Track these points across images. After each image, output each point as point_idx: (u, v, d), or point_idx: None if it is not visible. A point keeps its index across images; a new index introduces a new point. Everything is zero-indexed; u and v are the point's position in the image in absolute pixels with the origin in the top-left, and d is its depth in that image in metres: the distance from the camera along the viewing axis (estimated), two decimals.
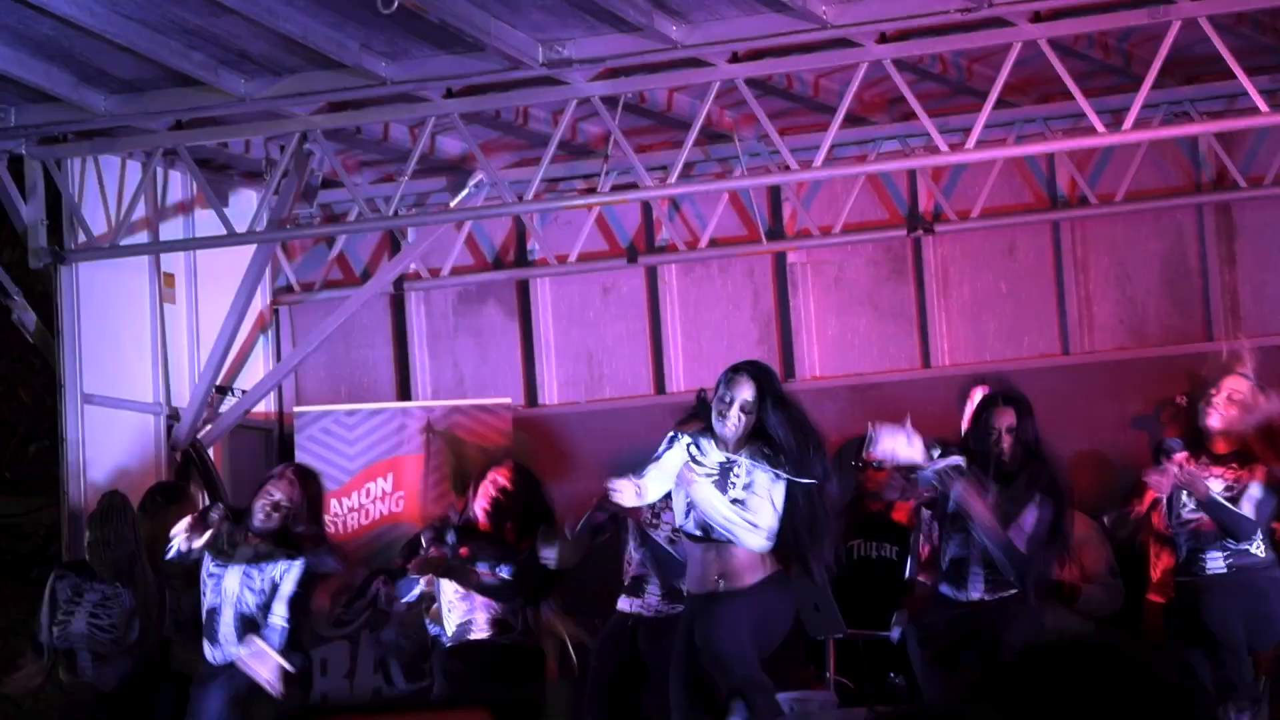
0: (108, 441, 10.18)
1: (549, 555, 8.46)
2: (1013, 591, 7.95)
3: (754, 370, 7.40)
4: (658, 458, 7.35)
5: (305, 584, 8.71)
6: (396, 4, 8.25)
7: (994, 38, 9.12)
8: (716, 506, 7.23)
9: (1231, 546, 8.17)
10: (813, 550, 7.33)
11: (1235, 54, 8.91)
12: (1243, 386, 8.35)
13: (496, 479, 9.03)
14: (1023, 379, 10.11)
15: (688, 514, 7.33)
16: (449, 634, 8.91)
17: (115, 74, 9.45)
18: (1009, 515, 7.91)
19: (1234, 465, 8.26)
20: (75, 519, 9.99)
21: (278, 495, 8.72)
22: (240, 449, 10.85)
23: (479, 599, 8.87)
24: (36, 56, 9.26)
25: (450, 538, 8.93)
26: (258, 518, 8.71)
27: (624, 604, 8.53)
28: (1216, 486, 8.19)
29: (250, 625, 8.60)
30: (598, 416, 10.63)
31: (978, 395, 8.81)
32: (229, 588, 8.63)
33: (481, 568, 8.86)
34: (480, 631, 8.87)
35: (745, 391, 7.29)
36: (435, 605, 8.98)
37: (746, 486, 7.25)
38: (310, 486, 8.90)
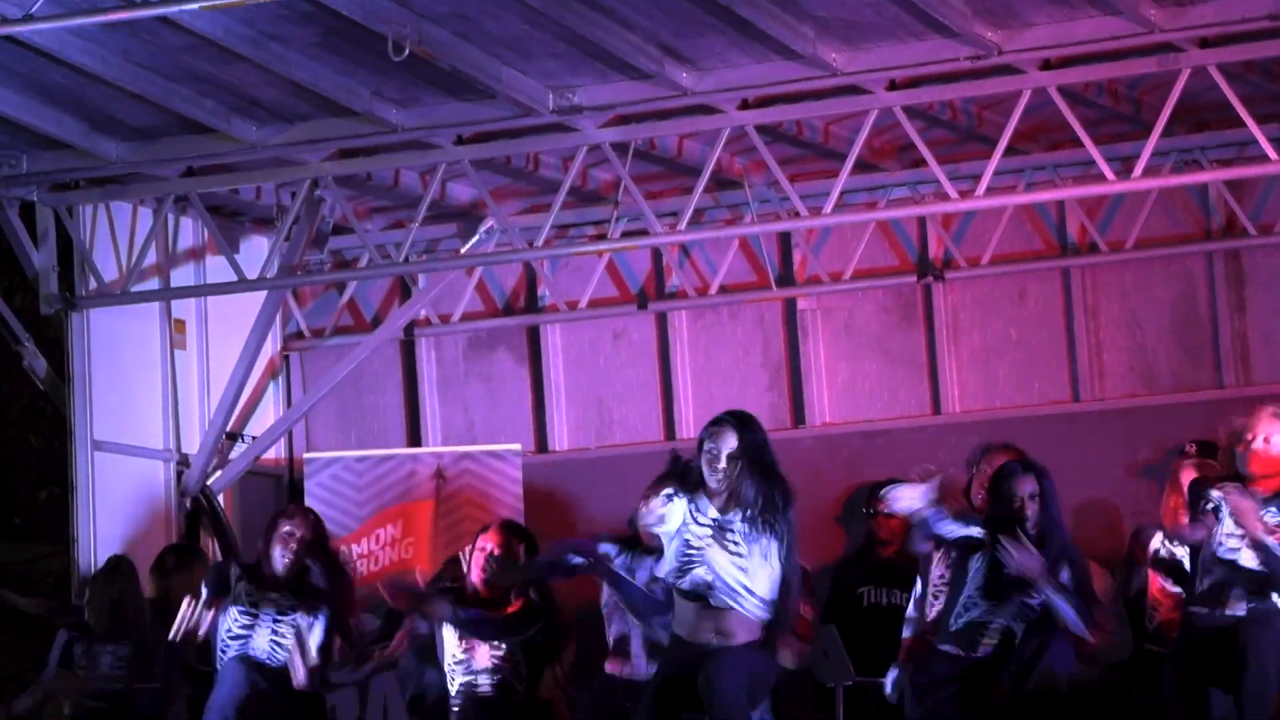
0: (118, 488, 10.19)
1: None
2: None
3: (734, 419, 7.40)
4: (659, 521, 7.29)
5: (329, 634, 8.66)
6: (408, 51, 8.28)
7: (1004, 85, 9.13)
8: (730, 571, 7.23)
9: (1254, 591, 8.07)
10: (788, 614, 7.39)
11: (1245, 102, 8.93)
12: (1277, 428, 8.25)
13: (485, 545, 8.89)
14: (1033, 426, 10.12)
15: (683, 573, 7.29)
16: (453, 692, 8.85)
17: (127, 121, 9.48)
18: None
19: (1275, 509, 8.15)
20: (84, 565, 9.99)
21: (291, 528, 8.66)
22: (250, 495, 10.85)
23: (480, 657, 8.79)
24: (48, 104, 9.29)
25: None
26: (278, 560, 8.62)
27: (611, 667, 8.53)
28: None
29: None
30: (608, 462, 10.62)
31: (995, 461, 8.74)
32: (259, 645, 8.57)
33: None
34: (485, 690, 8.80)
35: (729, 440, 7.30)
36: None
37: (744, 551, 7.25)
38: (315, 518, 8.88)
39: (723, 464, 7.25)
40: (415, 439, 11.18)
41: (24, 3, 7.92)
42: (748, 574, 7.22)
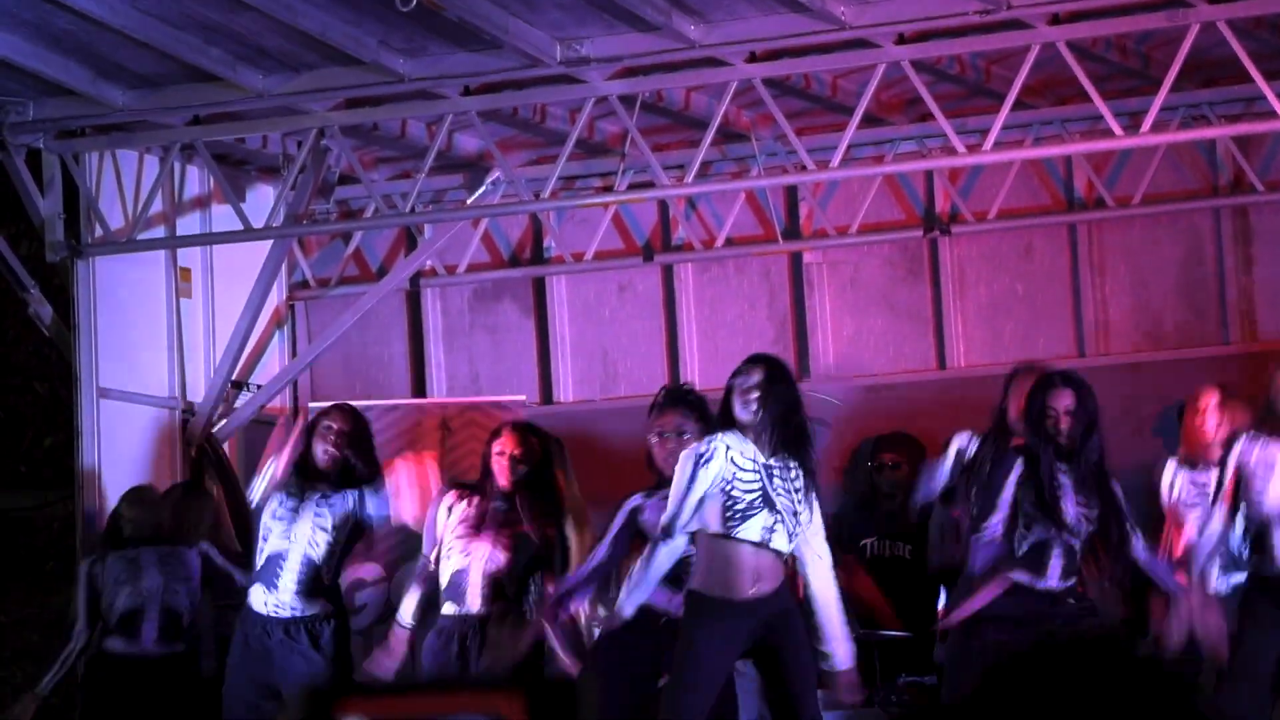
0: (123, 436, 10.20)
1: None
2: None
3: (765, 358, 7.33)
4: (691, 482, 7.01)
5: (378, 511, 8.48)
6: (415, 2, 8.25)
7: (1012, 39, 9.11)
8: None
9: None
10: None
11: (1254, 57, 8.90)
12: None
13: (503, 449, 8.49)
14: None
15: (741, 519, 7.08)
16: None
17: (133, 69, 9.46)
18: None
19: None
20: (90, 513, 10.00)
21: (336, 425, 8.50)
22: (255, 444, 10.84)
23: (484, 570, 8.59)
24: (55, 51, 9.27)
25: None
26: (320, 454, 8.43)
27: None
28: None
29: (315, 575, 8.30)
30: (613, 414, 10.63)
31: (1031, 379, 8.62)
32: (300, 532, 8.34)
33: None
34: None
35: (756, 374, 7.19)
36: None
37: (795, 492, 7.14)
38: (355, 414, 8.69)
39: (752, 395, 7.09)
40: (420, 389, 11.19)
41: None
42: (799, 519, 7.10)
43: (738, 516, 7.01)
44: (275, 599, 8.30)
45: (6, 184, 10.21)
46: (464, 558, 8.38)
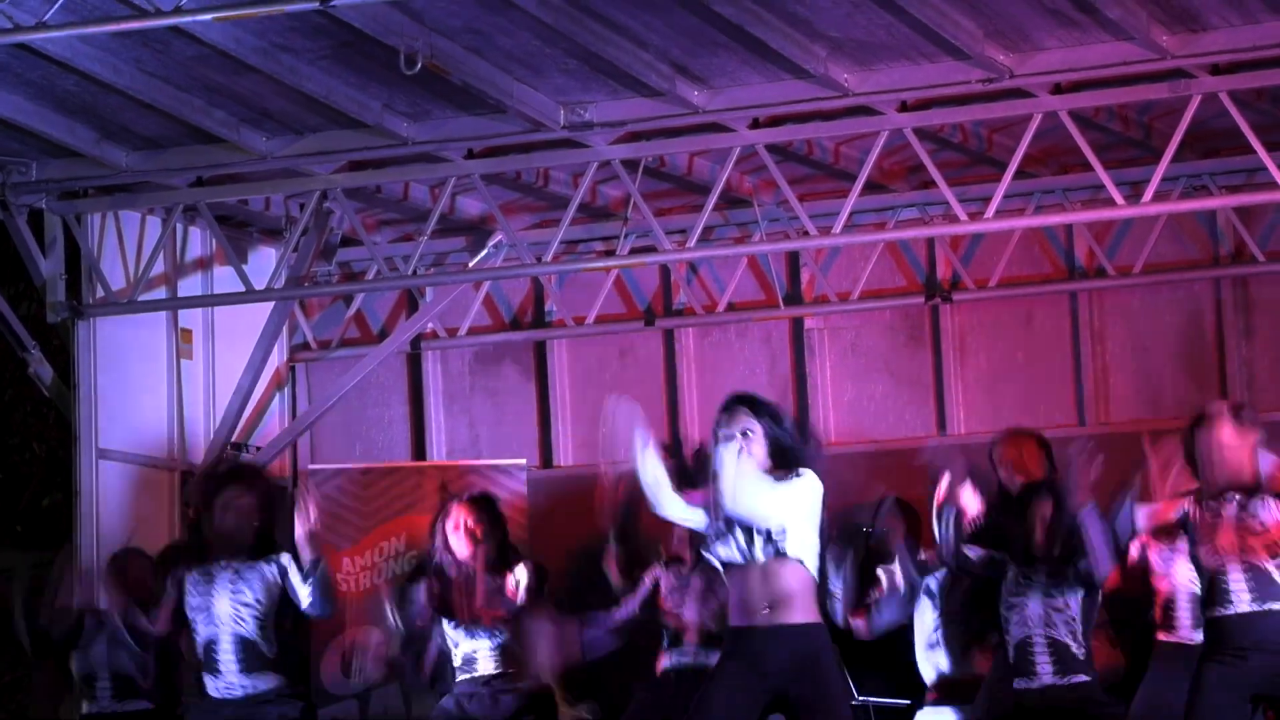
0: (121, 496, 10.18)
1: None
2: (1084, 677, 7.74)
3: (743, 396, 7.20)
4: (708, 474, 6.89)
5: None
6: (420, 65, 8.28)
7: (1014, 108, 9.14)
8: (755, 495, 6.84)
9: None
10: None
11: (1255, 129, 8.93)
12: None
13: (460, 521, 8.45)
14: None
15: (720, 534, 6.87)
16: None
17: (137, 130, 9.49)
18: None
19: None
20: (86, 573, 9.97)
21: (244, 494, 8.04)
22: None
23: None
24: (59, 111, 9.30)
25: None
26: (229, 524, 7.99)
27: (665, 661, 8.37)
28: None
29: (251, 648, 7.99)
30: None
31: (1019, 444, 8.59)
32: (221, 612, 8.02)
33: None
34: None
35: (743, 417, 7.07)
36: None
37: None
38: (261, 481, 8.23)
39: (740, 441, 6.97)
40: (420, 452, 11.17)
41: (37, 10, 7.93)
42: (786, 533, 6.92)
43: (719, 532, 6.86)
44: (223, 682, 8.02)
45: (8, 244, 10.23)
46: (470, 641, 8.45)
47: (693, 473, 7.33)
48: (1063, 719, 7.56)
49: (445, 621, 8.42)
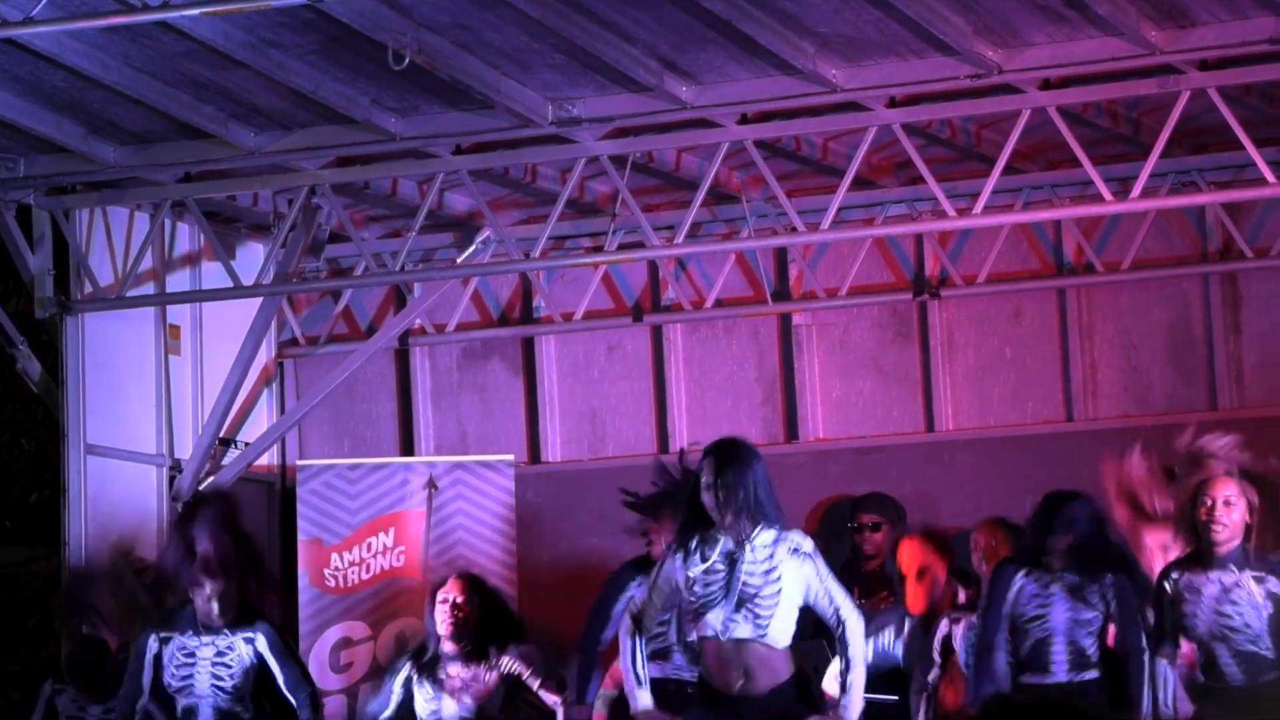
0: (109, 492, 10.17)
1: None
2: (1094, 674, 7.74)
3: (714, 447, 7.14)
4: (655, 579, 6.89)
5: (285, 642, 7.85)
6: (408, 61, 8.28)
7: (1003, 104, 9.14)
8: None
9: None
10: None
11: (1244, 125, 8.94)
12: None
13: (447, 597, 8.39)
14: (1026, 445, 10.13)
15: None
16: None
17: (125, 126, 9.47)
18: None
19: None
20: (75, 569, 9.97)
21: (213, 557, 7.69)
22: (242, 502, 10.81)
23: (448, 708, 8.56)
24: (47, 107, 9.28)
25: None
26: (198, 594, 7.70)
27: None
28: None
29: (227, 718, 7.74)
30: (601, 474, 10.61)
31: (993, 532, 8.59)
32: (201, 683, 7.69)
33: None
34: None
35: (708, 468, 7.01)
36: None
37: (764, 575, 6.99)
38: (233, 528, 7.87)
39: (709, 491, 6.95)
40: (408, 448, 11.17)
41: (25, 5, 7.91)
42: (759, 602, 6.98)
43: (695, 613, 6.84)
44: None
45: None
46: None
47: (679, 486, 7.34)
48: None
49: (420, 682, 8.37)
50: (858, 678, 6.86)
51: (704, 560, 6.83)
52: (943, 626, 8.21)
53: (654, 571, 6.98)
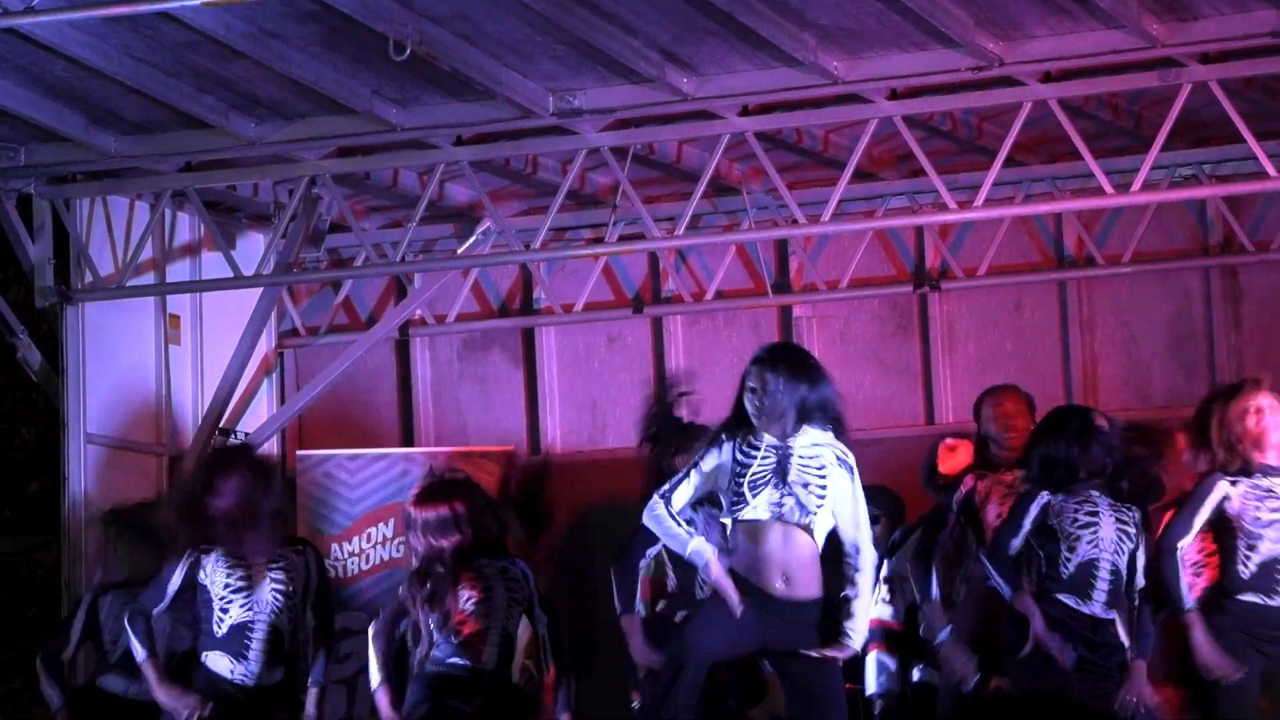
0: (109, 482, 10.17)
1: None
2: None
3: (763, 354, 7.14)
4: (699, 460, 6.89)
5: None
6: (409, 51, 8.27)
7: (1004, 97, 9.14)
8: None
9: None
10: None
11: (1245, 118, 8.93)
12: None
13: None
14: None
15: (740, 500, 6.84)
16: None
17: (126, 116, 9.47)
18: None
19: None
20: (75, 559, 9.97)
21: (238, 483, 7.94)
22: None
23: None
24: (48, 97, 9.28)
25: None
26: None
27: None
28: None
29: (279, 640, 7.95)
30: (601, 465, 10.62)
31: (1000, 402, 8.54)
32: (264, 599, 7.94)
33: None
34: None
35: (752, 378, 6.93)
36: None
37: (814, 468, 6.92)
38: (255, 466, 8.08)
39: (753, 391, 6.86)
40: (408, 438, 11.17)
41: None
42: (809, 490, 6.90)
43: (740, 495, 6.83)
44: (243, 669, 7.94)
45: None
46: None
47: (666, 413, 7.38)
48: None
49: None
50: (864, 607, 6.89)
51: (752, 448, 6.85)
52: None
53: (693, 460, 6.93)
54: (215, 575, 7.95)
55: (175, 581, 8.00)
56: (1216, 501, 7.80)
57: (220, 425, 10.63)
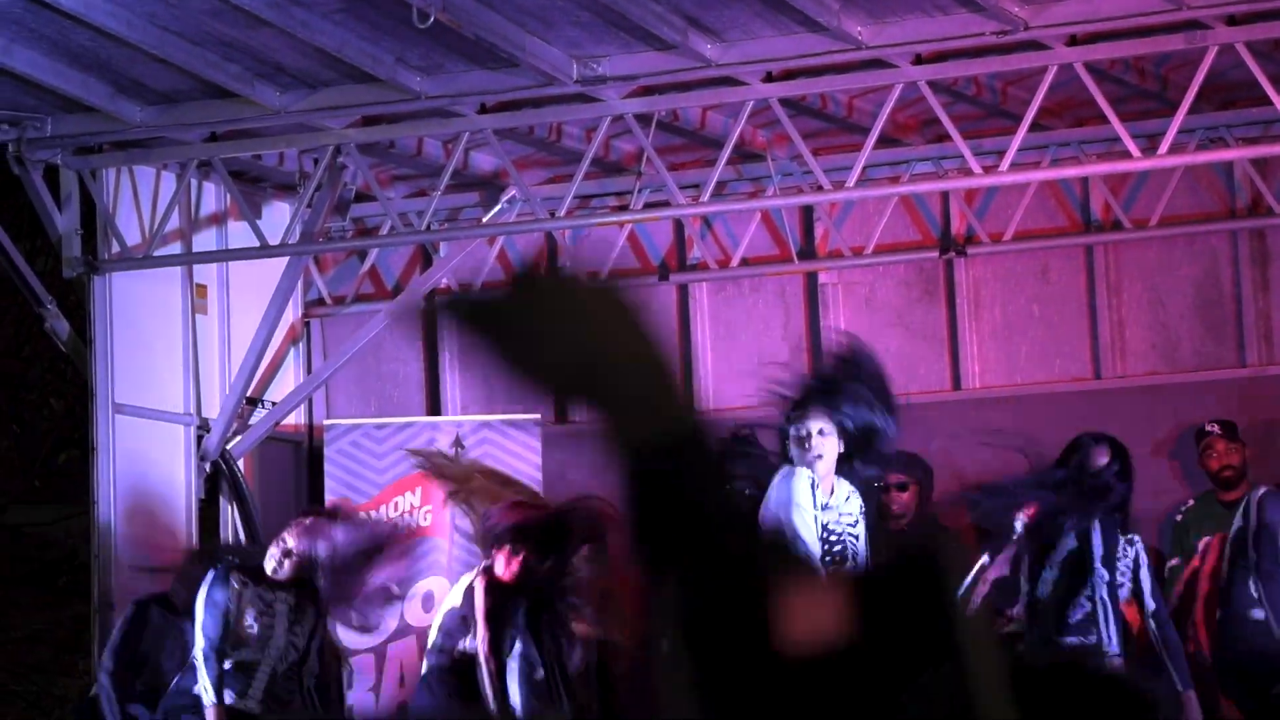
0: (138, 451, 10.20)
1: None
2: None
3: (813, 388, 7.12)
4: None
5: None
6: (432, 19, 8.26)
7: (1029, 60, 9.10)
8: None
9: None
10: None
11: (1272, 80, 8.89)
12: None
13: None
14: (1053, 402, 10.09)
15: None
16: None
17: (151, 85, 9.48)
18: None
19: None
20: (104, 528, 10.01)
21: (290, 543, 8.17)
22: (270, 461, 10.86)
23: None
24: (73, 67, 9.29)
25: None
26: (270, 566, 8.17)
27: None
28: None
29: (277, 683, 8.05)
30: None
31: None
32: (276, 644, 8.10)
33: None
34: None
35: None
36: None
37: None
38: (326, 534, 8.23)
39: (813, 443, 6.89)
40: (435, 407, 11.18)
41: None
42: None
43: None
44: (246, 705, 8.02)
45: (24, 200, 10.23)
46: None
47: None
48: None
49: None
50: None
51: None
52: None
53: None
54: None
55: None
56: None
57: (248, 394, 10.65)
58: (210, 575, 8.10)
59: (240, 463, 10.60)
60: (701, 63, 9.08)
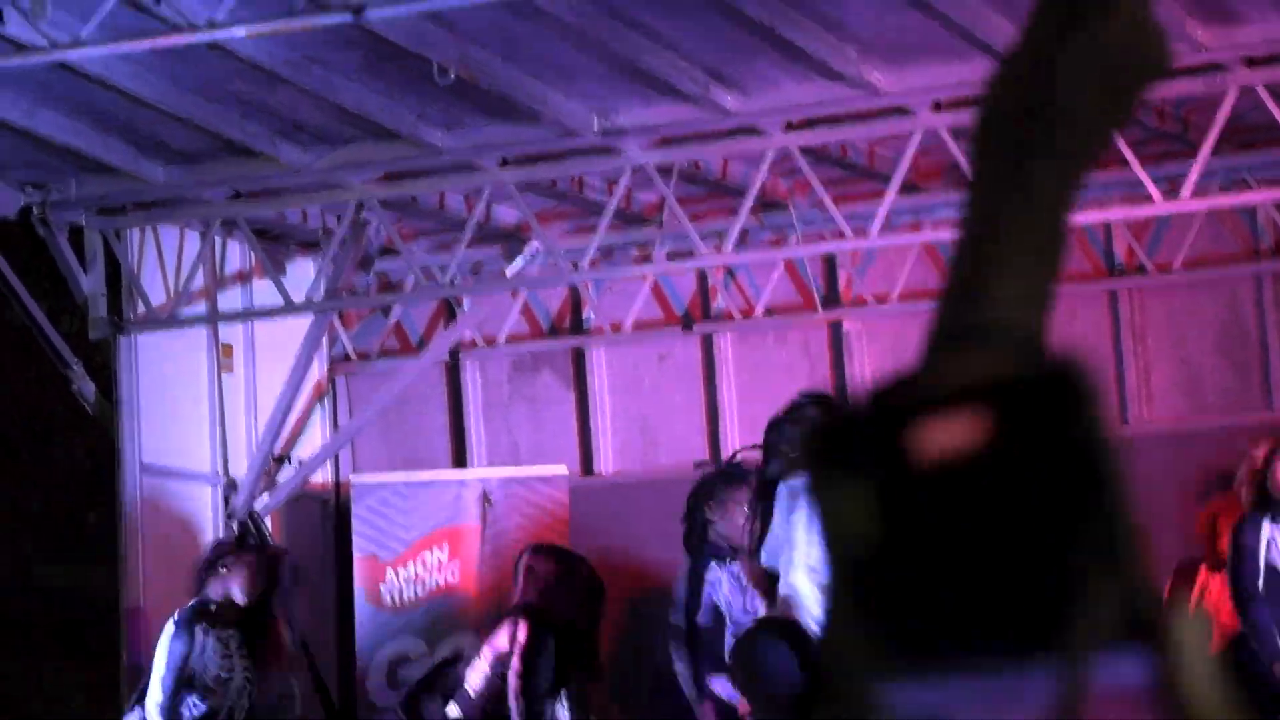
0: (165, 511, 10.21)
1: None
2: None
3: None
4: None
5: None
6: (453, 75, 8.29)
7: None
8: None
9: None
10: None
11: None
12: None
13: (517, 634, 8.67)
14: None
15: None
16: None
17: (173, 145, 9.52)
18: None
19: None
20: (132, 587, 10.01)
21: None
22: (297, 518, 10.87)
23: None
24: (96, 128, 9.34)
25: None
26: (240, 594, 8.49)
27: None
28: None
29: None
30: (654, 485, 10.60)
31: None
32: (236, 683, 8.31)
33: None
34: None
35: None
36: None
37: None
38: (269, 570, 8.55)
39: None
40: (460, 461, 11.18)
41: (73, 29, 7.96)
42: None
43: None
44: None
45: (49, 261, 10.27)
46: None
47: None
48: None
49: None
50: None
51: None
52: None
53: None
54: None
55: None
56: None
57: (275, 453, 10.66)
58: (171, 625, 8.25)
59: (268, 520, 10.60)
60: (721, 113, 9.10)
